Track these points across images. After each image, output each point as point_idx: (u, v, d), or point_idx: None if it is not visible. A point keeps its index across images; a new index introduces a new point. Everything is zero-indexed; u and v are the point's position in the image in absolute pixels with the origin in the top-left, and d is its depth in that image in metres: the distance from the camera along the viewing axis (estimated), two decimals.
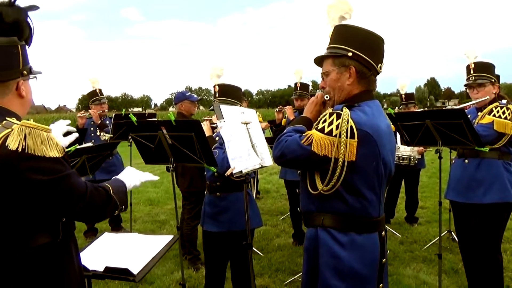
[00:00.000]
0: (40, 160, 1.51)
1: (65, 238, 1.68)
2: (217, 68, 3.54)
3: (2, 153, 1.48)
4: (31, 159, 1.50)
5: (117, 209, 1.77)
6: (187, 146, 2.97)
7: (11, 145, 1.48)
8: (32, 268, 1.58)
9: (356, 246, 1.89)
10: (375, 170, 1.90)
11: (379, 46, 2.02)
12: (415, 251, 5.06)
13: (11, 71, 1.63)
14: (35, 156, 1.50)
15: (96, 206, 1.65)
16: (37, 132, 1.54)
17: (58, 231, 1.64)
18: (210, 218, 3.31)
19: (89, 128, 5.89)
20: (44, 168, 1.52)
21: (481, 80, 3.60)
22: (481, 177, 3.53)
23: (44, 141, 1.54)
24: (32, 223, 1.58)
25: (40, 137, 1.53)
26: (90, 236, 5.63)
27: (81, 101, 79.97)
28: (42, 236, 1.60)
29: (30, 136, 1.51)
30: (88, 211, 1.63)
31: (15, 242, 1.56)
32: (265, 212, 7.12)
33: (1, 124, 1.55)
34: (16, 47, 1.63)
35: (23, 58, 1.66)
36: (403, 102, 6.36)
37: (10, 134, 1.51)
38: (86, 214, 1.64)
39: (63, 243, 1.67)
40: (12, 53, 1.62)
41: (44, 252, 1.60)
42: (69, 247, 1.71)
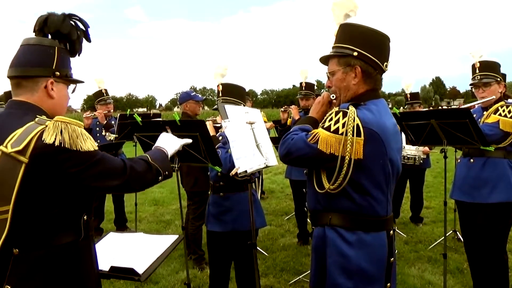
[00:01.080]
0: (77, 153, 1.58)
1: (86, 237, 1.73)
2: (220, 67, 3.55)
3: (39, 148, 1.53)
4: (68, 152, 1.56)
5: (161, 175, 1.88)
6: (192, 146, 2.98)
7: (47, 139, 1.53)
8: (53, 266, 1.62)
9: (363, 245, 1.89)
10: (382, 168, 1.90)
11: (384, 44, 2.02)
12: (420, 251, 5.05)
13: (41, 68, 1.69)
14: (71, 150, 1.56)
15: (138, 176, 1.76)
16: (72, 127, 1.59)
17: (80, 230, 1.69)
18: (214, 218, 3.32)
19: (94, 128, 5.92)
20: (81, 160, 1.59)
21: (487, 79, 3.59)
22: (486, 176, 3.52)
23: (79, 136, 1.60)
24: (58, 222, 1.63)
25: (75, 132, 1.59)
26: (95, 236, 5.64)
27: (86, 102, 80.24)
28: (66, 235, 1.65)
29: (66, 131, 1.57)
30: (131, 182, 1.73)
31: (39, 240, 1.60)
32: (270, 212, 7.13)
33: (34, 121, 1.60)
34: (53, 48, 1.71)
35: (59, 61, 1.72)
36: (408, 102, 6.34)
37: (45, 130, 1.56)
38: (129, 185, 1.74)
39: (84, 242, 1.72)
40: (48, 52, 1.70)
41: (67, 251, 1.65)
42: (89, 246, 1.77)
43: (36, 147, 1.53)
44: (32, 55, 1.68)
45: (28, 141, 1.53)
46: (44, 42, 1.70)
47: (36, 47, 1.69)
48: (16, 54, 1.71)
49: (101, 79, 6.11)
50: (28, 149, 1.53)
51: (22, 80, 1.68)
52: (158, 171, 1.86)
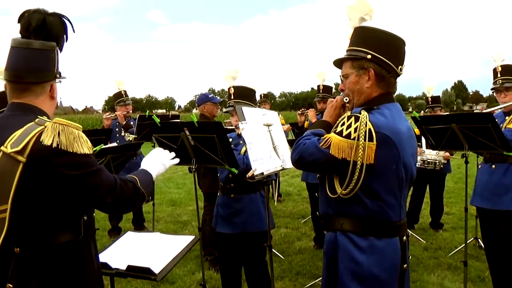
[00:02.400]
0: (72, 156, 1.58)
1: (86, 236, 1.74)
2: (232, 70, 3.56)
3: (36, 149, 1.56)
4: (64, 155, 1.57)
5: (145, 200, 1.85)
6: (209, 148, 3.00)
7: (45, 141, 1.56)
8: (53, 265, 1.64)
9: (375, 251, 1.87)
10: (395, 173, 1.87)
11: (399, 48, 1.99)
12: (440, 257, 4.95)
13: (49, 73, 1.73)
14: (68, 152, 1.58)
15: (125, 198, 1.73)
16: (70, 129, 1.61)
17: (79, 230, 1.71)
18: (223, 219, 3.32)
19: (114, 128, 6.00)
20: (76, 164, 1.60)
21: (509, 83, 3.52)
22: (508, 182, 3.44)
23: (76, 138, 1.61)
24: (56, 221, 1.64)
25: (72, 134, 1.60)
26: (114, 235, 5.73)
27: (107, 103, 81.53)
28: (64, 234, 1.66)
29: (64, 133, 1.59)
30: (118, 203, 1.71)
31: (38, 239, 1.62)
32: (287, 215, 7.11)
33: (34, 121, 1.63)
34: (54, 52, 1.74)
35: (57, 62, 1.76)
36: (429, 105, 6.24)
37: (44, 131, 1.58)
38: (116, 206, 1.72)
39: (84, 241, 1.73)
40: (51, 57, 1.73)
41: (66, 250, 1.66)
42: (89, 246, 1.77)
43: (34, 148, 1.55)
44: (40, 60, 1.69)
45: (27, 141, 1.56)
46: (44, 46, 1.70)
47: (43, 53, 1.70)
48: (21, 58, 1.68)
49: (121, 81, 6.20)
50: (27, 149, 1.55)
51: (32, 85, 1.70)
52: (143, 197, 1.83)
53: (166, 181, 10.92)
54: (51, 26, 1.72)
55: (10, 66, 1.69)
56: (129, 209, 1.83)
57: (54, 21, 1.73)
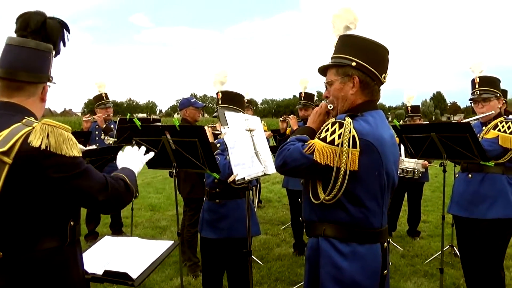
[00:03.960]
0: (62, 158, 1.55)
1: (72, 243, 1.70)
2: (220, 75, 3.55)
3: (24, 150, 1.51)
4: (54, 157, 1.53)
5: (133, 196, 1.84)
6: (190, 152, 2.97)
7: (33, 142, 1.52)
8: (38, 271, 1.59)
9: (357, 257, 1.88)
10: (378, 180, 1.89)
11: (383, 56, 2.02)
12: (417, 265, 5.02)
13: (43, 74, 1.70)
14: (57, 154, 1.54)
15: (118, 195, 1.71)
16: (59, 131, 1.57)
17: (66, 236, 1.67)
18: (208, 225, 3.30)
19: (93, 131, 5.92)
20: (66, 166, 1.56)
21: (486, 94, 3.60)
22: (484, 192, 3.51)
23: (65, 140, 1.57)
24: (43, 226, 1.60)
25: (62, 136, 1.57)
26: (90, 240, 5.62)
27: (87, 105, 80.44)
28: (50, 240, 1.62)
29: (53, 135, 1.55)
30: (110, 201, 1.69)
31: (24, 244, 1.57)
32: (267, 221, 7.10)
33: (21, 122, 1.58)
34: (50, 54, 1.72)
35: (51, 65, 1.74)
36: (409, 114, 6.35)
37: (32, 132, 1.54)
38: (108, 204, 1.69)
39: (69, 247, 1.69)
40: (47, 58, 1.71)
41: (52, 256, 1.62)
42: (74, 252, 1.73)
43: (21, 149, 1.51)
44: (36, 60, 1.67)
45: (13, 142, 1.52)
46: (41, 46, 1.68)
47: (39, 53, 1.68)
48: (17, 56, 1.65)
49: (102, 83, 6.13)
50: (13, 150, 1.51)
51: (26, 85, 1.67)
52: (133, 193, 1.83)
53: (145, 186, 10.80)
54: (50, 29, 1.70)
55: (4, 63, 1.65)
56: (121, 206, 1.82)
57: (53, 24, 1.72)
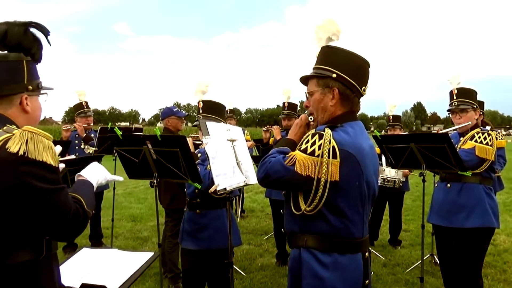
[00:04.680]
0: (40, 166, 1.49)
1: (48, 256, 1.63)
2: (202, 84, 3.55)
3: (1, 156, 1.46)
4: (31, 164, 1.48)
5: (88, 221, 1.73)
6: (172, 162, 2.96)
7: (11, 148, 1.46)
8: (10, 286, 1.52)
9: (339, 267, 1.88)
10: (358, 190, 1.90)
11: (364, 69, 2.04)
12: (398, 274, 5.05)
13: (14, 85, 1.63)
14: (35, 161, 1.48)
15: (76, 226, 1.61)
16: (39, 138, 1.52)
17: (41, 249, 1.60)
18: (188, 235, 3.27)
19: (73, 140, 5.83)
20: (43, 176, 1.50)
21: (464, 105, 3.67)
22: (463, 201, 3.57)
23: (45, 148, 1.52)
24: (16, 237, 1.53)
25: (42, 144, 1.51)
26: (69, 252, 5.51)
27: (67, 114, 79.35)
28: (24, 252, 1.55)
29: (32, 141, 1.49)
30: (68, 230, 1.59)
31: None
32: (250, 231, 7.07)
33: (1, 129, 1.54)
34: (21, 63, 1.64)
35: (29, 74, 1.67)
36: (390, 124, 6.44)
37: (11, 138, 1.49)
38: (65, 232, 1.60)
39: (45, 261, 1.62)
40: (17, 68, 1.64)
41: (25, 270, 1.55)
42: (50, 265, 1.66)
43: None
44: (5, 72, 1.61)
45: None
46: (9, 57, 1.63)
47: (3, 64, 1.62)
48: None
49: (83, 91, 6.06)
50: None
51: None
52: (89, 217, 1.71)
53: (127, 196, 10.66)
54: (11, 37, 1.62)
55: None
56: (75, 236, 1.71)
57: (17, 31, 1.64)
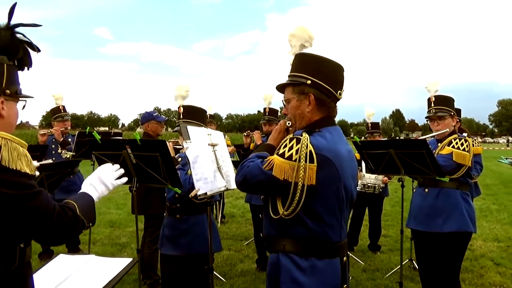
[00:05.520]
0: (13, 174, 1.43)
1: (21, 265, 1.57)
2: (182, 89, 3.53)
3: None
4: (4, 172, 1.42)
5: (84, 228, 1.68)
6: (151, 166, 2.92)
7: None
8: None
9: (317, 272, 1.88)
10: (336, 194, 1.91)
11: (338, 73, 2.06)
12: (377, 279, 5.09)
13: None
14: (9, 169, 1.42)
15: (63, 227, 1.56)
16: (14, 145, 1.46)
17: (14, 258, 1.54)
18: (168, 241, 3.23)
19: (50, 145, 5.72)
20: (17, 183, 1.44)
21: (441, 113, 3.74)
22: (440, 206, 3.62)
23: (20, 156, 1.46)
24: None
25: (16, 151, 1.46)
26: (45, 259, 5.38)
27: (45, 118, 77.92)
28: None
29: (6, 148, 1.43)
30: (54, 232, 1.54)
31: None
32: (230, 237, 7.04)
33: None
34: (2, 66, 1.59)
35: (8, 78, 1.61)
36: (369, 131, 6.54)
37: None
38: (51, 235, 1.55)
39: (17, 271, 1.56)
40: None
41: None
42: (23, 275, 1.60)
43: None
44: None
45: None
46: None
47: None
48: None
49: (60, 95, 5.95)
50: None
51: None
52: (83, 224, 1.66)
53: (105, 202, 10.47)
54: None
55: None
56: (65, 239, 1.65)
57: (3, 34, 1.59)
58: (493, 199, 11.19)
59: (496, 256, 5.98)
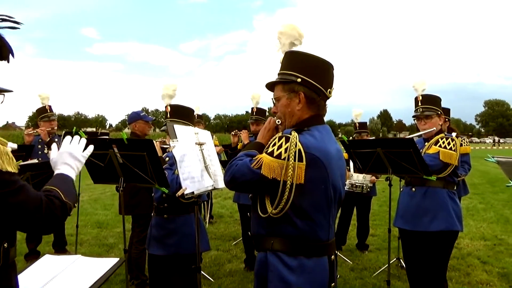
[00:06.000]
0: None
1: (5, 266, 1.55)
2: (169, 88, 3.51)
3: None
4: None
5: (69, 213, 1.66)
6: (138, 166, 2.90)
7: None
8: None
9: (305, 270, 1.88)
10: (324, 193, 1.91)
11: (328, 71, 2.06)
12: (365, 278, 5.12)
13: None
14: None
15: (53, 217, 1.55)
16: None
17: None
18: (156, 241, 3.21)
19: (36, 145, 5.65)
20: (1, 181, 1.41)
21: (428, 112, 3.77)
22: (427, 205, 3.64)
23: (0, 155, 1.43)
24: None
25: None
26: (31, 260, 5.30)
27: (31, 119, 76.88)
28: None
29: None
30: (45, 222, 1.53)
31: None
32: (218, 237, 7.02)
33: None
34: None
35: None
36: (357, 131, 6.58)
37: None
38: (43, 225, 1.54)
39: (1, 271, 1.54)
40: None
41: None
42: (8, 276, 1.58)
43: None
44: None
45: None
46: None
47: None
48: None
49: (46, 95, 5.88)
50: None
51: None
52: (70, 209, 1.65)
53: (92, 202, 10.39)
54: None
55: None
56: (56, 228, 1.65)
57: None
58: (480, 198, 11.33)
59: (482, 254, 6.05)
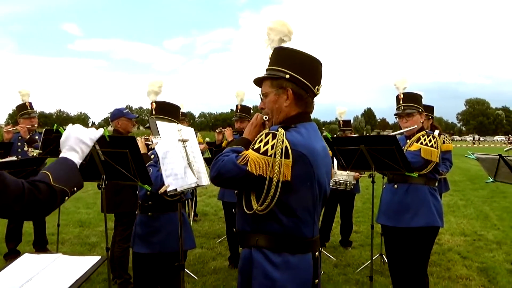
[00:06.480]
0: None
1: None
2: (155, 85, 3.47)
3: None
4: None
5: (67, 194, 1.60)
6: (121, 163, 2.86)
7: None
8: None
9: (289, 267, 1.88)
10: (310, 190, 1.91)
11: (316, 68, 2.06)
12: (348, 274, 5.16)
13: None
14: None
15: (38, 203, 1.50)
16: None
17: None
18: (140, 239, 3.18)
19: (16, 143, 5.54)
20: None
21: (410, 110, 3.81)
22: (409, 202, 3.69)
23: None
24: None
25: None
26: (10, 259, 5.20)
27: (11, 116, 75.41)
28: None
29: None
30: (29, 210, 1.48)
31: None
32: (202, 235, 7.00)
33: None
34: None
35: None
36: (341, 128, 6.63)
37: None
38: (27, 213, 1.49)
39: None
40: None
41: None
42: None
43: None
44: None
45: None
46: None
47: None
48: None
49: (26, 92, 5.77)
50: None
51: None
52: (63, 192, 1.59)
53: (74, 201, 10.22)
54: None
55: None
56: (46, 212, 1.57)
57: None
58: (461, 195, 11.53)
59: (462, 250, 6.17)
